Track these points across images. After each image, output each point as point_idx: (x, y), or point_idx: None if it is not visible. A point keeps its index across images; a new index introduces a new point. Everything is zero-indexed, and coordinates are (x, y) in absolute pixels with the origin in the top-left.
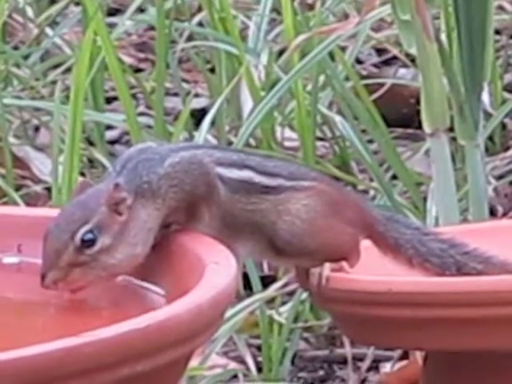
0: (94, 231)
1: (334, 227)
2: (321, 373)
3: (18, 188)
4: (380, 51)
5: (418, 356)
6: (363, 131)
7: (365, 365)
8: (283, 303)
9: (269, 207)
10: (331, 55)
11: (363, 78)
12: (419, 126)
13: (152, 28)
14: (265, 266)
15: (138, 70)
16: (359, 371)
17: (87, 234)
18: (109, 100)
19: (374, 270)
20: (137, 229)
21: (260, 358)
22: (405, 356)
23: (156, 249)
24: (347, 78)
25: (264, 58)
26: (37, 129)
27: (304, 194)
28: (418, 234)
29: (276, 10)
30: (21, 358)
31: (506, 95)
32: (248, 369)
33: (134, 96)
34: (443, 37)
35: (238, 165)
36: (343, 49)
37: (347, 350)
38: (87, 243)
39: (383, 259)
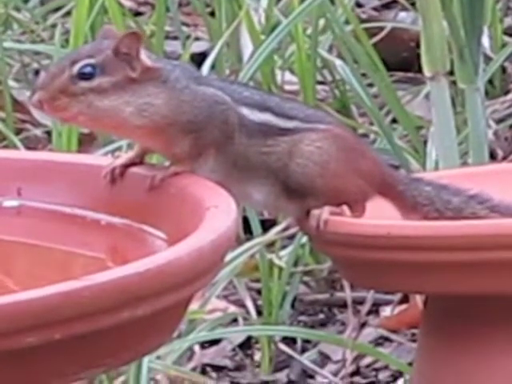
0: (95, 67)
1: (344, 174)
2: (321, 316)
3: (17, 132)
4: None
5: (418, 300)
6: (363, 75)
7: (365, 308)
8: (283, 247)
9: (283, 149)
10: None
11: (363, 21)
12: (419, 70)
13: None
14: None
15: (137, 14)
16: (359, 315)
17: (87, 66)
18: None
19: (373, 214)
20: (139, 95)
21: (260, 302)
22: (405, 300)
23: (156, 192)
24: (347, 22)
25: (264, 2)
26: (37, 72)
27: (318, 136)
28: (441, 191)
29: None
30: (20, 302)
31: (506, 39)
32: (248, 312)
33: None
34: None
35: (259, 106)
36: None
37: (347, 294)
38: (84, 75)
39: (383, 203)
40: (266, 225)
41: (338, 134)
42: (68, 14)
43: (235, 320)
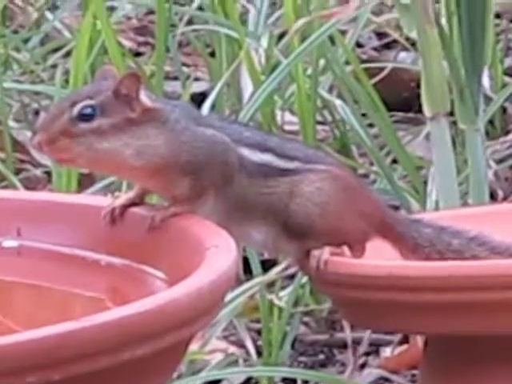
0: (95, 108)
1: (344, 215)
2: (321, 357)
3: (17, 172)
4: (380, 35)
5: (419, 340)
6: (363, 115)
7: (362, 348)
8: (283, 287)
9: (284, 189)
10: (331, 39)
11: (363, 61)
12: (419, 110)
13: (152, 12)
14: None
15: (137, 54)
16: (359, 355)
17: (87, 108)
18: None
19: (373, 254)
20: (139, 136)
21: (260, 342)
22: (405, 340)
23: (156, 232)
24: (347, 62)
25: (264, 42)
26: (36, 112)
27: (319, 177)
28: (440, 232)
29: None
30: (20, 343)
31: (507, 79)
32: (248, 353)
33: None
34: (443, 21)
35: (260, 146)
36: (343, 32)
37: (347, 334)
38: (84, 117)
39: (383, 244)
40: (266, 265)
41: (337, 175)
42: (68, 54)
43: (235, 360)
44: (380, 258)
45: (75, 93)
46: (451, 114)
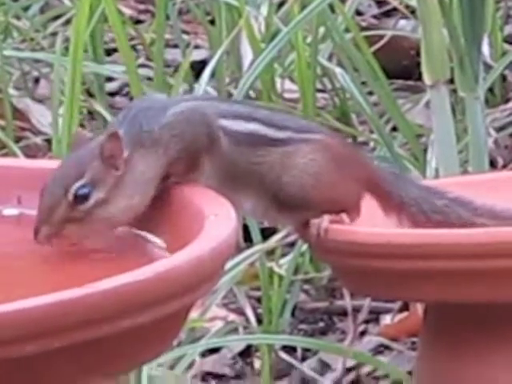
0: (87, 186)
1: (339, 182)
2: (321, 324)
3: (17, 140)
4: (380, 3)
5: (418, 308)
6: (363, 83)
7: (362, 316)
8: (283, 255)
9: (276, 160)
10: (331, 7)
11: (363, 29)
12: (419, 78)
13: None
14: None
15: (137, 22)
16: (358, 323)
17: (81, 189)
18: (109, 52)
19: (373, 222)
20: (134, 181)
21: (260, 310)
22: (405, 308)
23: (155, 201)
24: (347, 30)
25: (264, 10)
26: (37, 80)
27: (312, 148)
28: (426, 193)
29: None
30: (21, 310)
31: (506, 47)
32: (248, 320)
33: (133, 48)
34: None
35: (244, 117)
36: (343, 0)
37: (347, 302)
38: (81, 198)
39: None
40: (266, 233)
41: (329, 144)
42: (68, 22)
43: (235, 328)
44: (380, 223)
45: (62, 173)
46: (451, 81)
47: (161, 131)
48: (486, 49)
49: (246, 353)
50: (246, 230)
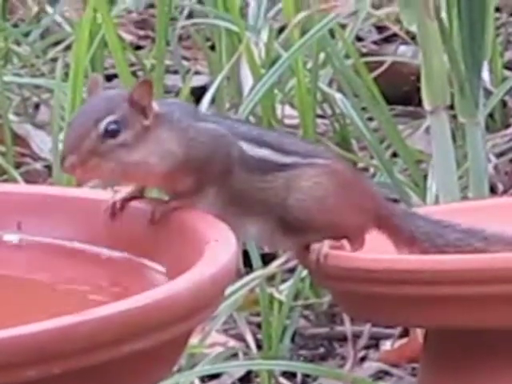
0: (118, 123)
1: (344, 208)
2: (321, 350)
3: (17, 165)
4: (380, 28)
5: (419, 333)
6: (363, 109)
7: (362, 342)
8: (283, 281)
9: (281, 184)
10: (331, 32)
11: (363, 55)
12: (419, 104)
13: (152, 5)
14: None
15: (138, 48)
16: (358, 348)
17: (112, 124)
18: (109, 77)
19: (373, 248)
20: (157, 141)
21: (260, 336)
22: (405, 333)
23: (156, 226)
24: (347, 56)
25: (264, 36)
26: (37, 106)
27: (317, 171)
28: (437, 227)
29: None
30: (19, 336)
31: (506, 73)
32: (248, 346)
33: (133, 73)
34: (443, 14)
35: (257, 141)
36: (343, 26)
37: (347, 328)
38: (110, 133)
39: (382, 237)
40: (267, 258)
41: (336, 170)
42: (68, 48)
43: (235, 354)
44: (378, 251)
45: (91, 108)
46: (451, 107)
47: (188, 131)
48: (486, 75)
49: (246, 378)
50: (246, 255)
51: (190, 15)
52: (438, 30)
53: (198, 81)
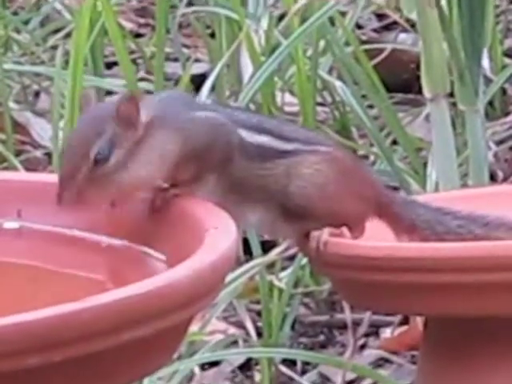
0: (107, 147)
1: (344, 196)
2: (321, 338)
3: (18, 153)
4: (380, 16)
5: (418, 321)
6: (363, 96)
7: (362, 329)
8: (283, 268)
9: (282, 171)
10: (331, 20)
11: (363, 43)
12: (419, 91)
13: None
14: None
15: (138, 35)
16: (358, 336)
17: (100, 151)
18: (109, 65)
19: (372, 235)
20: (151, 149)
21: (260, 323)
22: (405, 321)
23: (155, 214)
24: (347, 43)
25: (264, 23)
26: (37, 94)
27: (318, 158)
28: (437, 215)
29: None
30: (20, 324)
31: (506, 60)
32: (248, 334)
33: (134, 61)
34: (443, 2)
35: (257, 128)
36: (343, 14)
37: (347, 315)
38: (101, 160)
39: (382, 225)
40: (267, 246)
41: (336, 157)
42: (68, 35)
43: (235, 341)
44: (378, 239)
45: (78, 136)
46: (451, 95)
47: (184, 124)
48: (485, 62)
49: (246, 366)
50: (246, 243)
51: (190, 3)
52: (437, 18)
53: (197, 68)
